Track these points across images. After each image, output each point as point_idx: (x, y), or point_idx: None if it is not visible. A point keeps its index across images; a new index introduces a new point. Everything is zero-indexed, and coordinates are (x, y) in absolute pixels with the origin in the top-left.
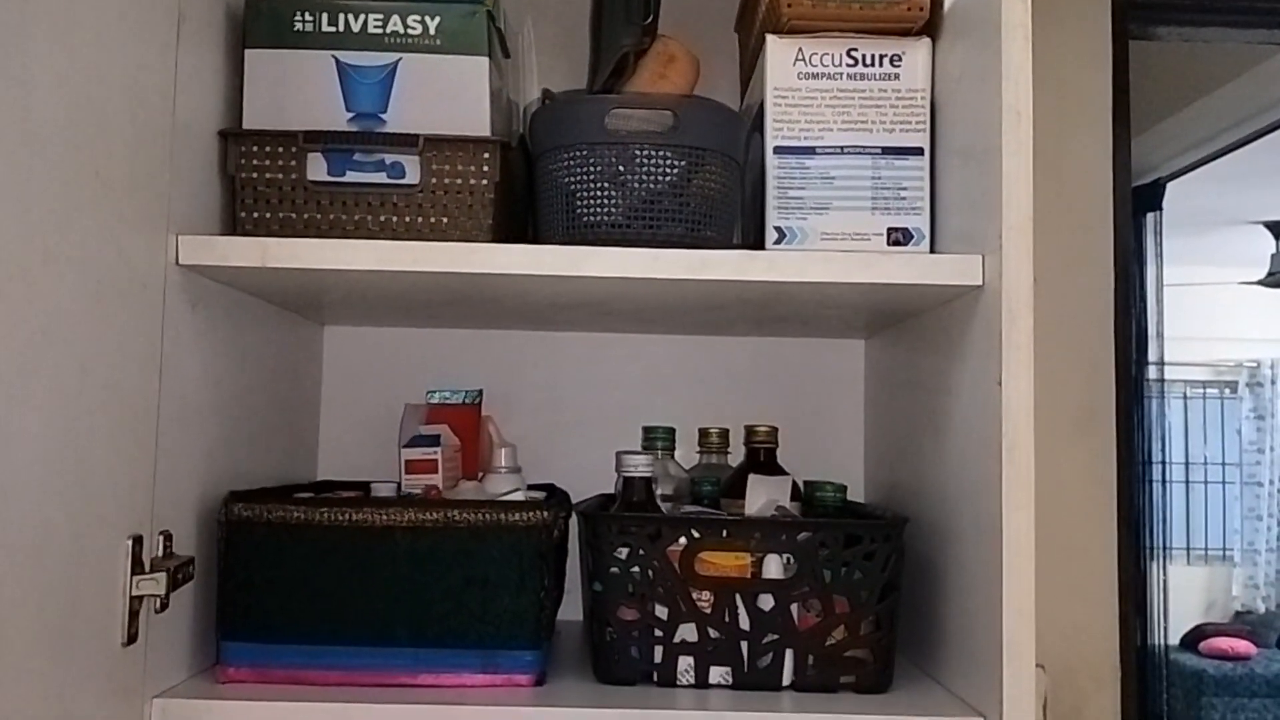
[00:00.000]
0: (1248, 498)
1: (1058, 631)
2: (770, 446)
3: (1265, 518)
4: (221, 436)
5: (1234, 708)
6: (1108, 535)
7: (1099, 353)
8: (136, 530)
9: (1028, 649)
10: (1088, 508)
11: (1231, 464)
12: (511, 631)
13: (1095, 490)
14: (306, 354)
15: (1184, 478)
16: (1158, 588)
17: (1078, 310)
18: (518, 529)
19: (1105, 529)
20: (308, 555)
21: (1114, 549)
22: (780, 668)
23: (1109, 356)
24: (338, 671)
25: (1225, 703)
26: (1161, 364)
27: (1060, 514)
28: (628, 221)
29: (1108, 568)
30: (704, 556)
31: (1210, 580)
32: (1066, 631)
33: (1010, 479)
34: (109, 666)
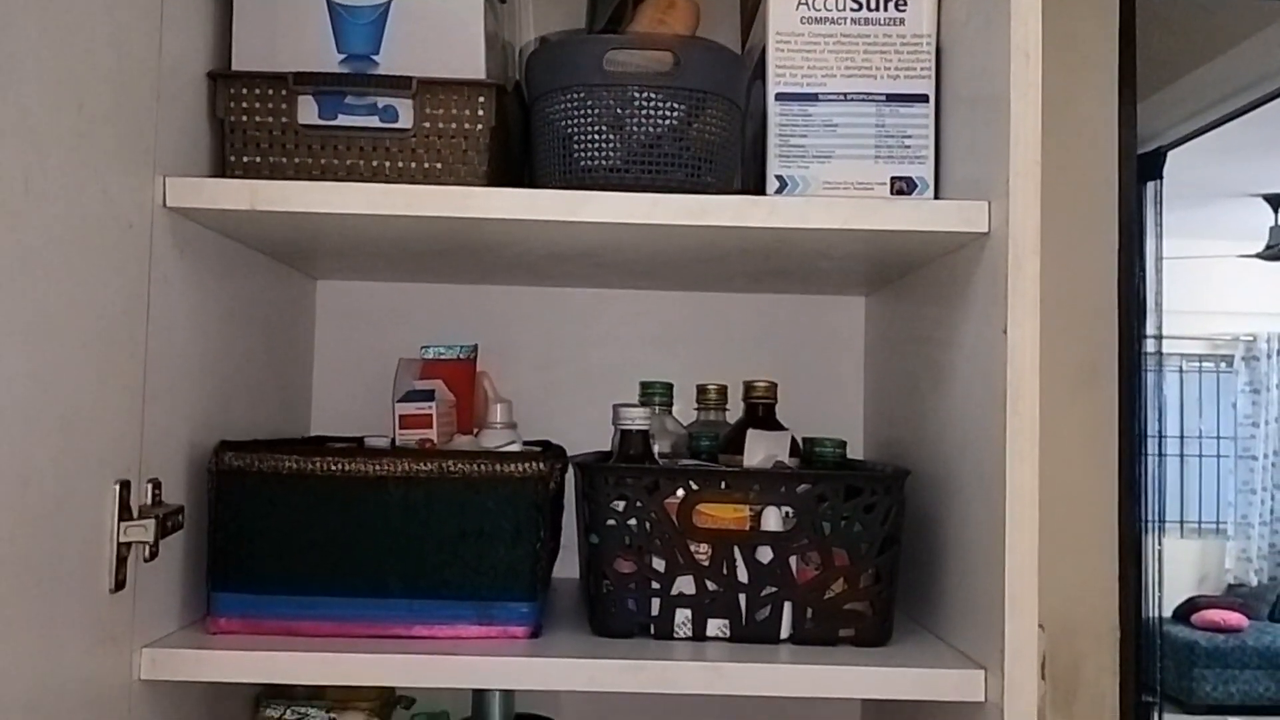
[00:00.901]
0: (1242, 471)
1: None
2: (769, 402)
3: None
4: (212, 387)
5: (1225, 679)
6: (1108, 495)
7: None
8: (124, 475)
9: (1030, 602)
10: (1087, 467)
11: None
12: (507, 583)
13: (1095, 449)
14: (299, 308)
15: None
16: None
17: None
18: (513, 480)
19: (1105, 489)
20: (300, 506)
21: (1114, 509)
22: (779, 621)
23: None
24: (330, 623)
25: (1217, 674)
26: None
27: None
28: (626, 166)
29: (1107, 528)
30: (702, 509)
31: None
32: (1065, 591)
33: (1014, 429)
34: (96, 613)
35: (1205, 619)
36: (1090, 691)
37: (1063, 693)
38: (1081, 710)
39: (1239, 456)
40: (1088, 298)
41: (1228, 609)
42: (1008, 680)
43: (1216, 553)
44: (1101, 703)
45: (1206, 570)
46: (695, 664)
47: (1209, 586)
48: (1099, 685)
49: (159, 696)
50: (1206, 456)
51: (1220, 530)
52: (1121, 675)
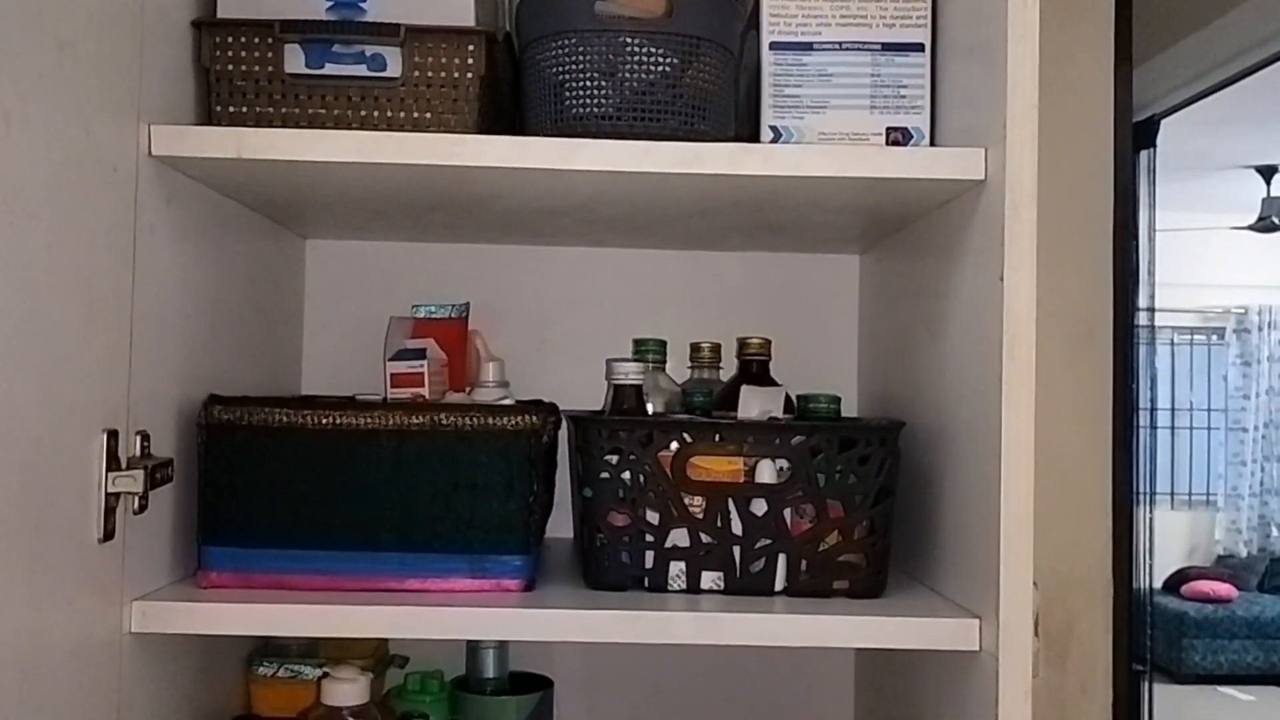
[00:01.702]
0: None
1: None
2: (763, 359)
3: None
4: (201, 343)
5: (1214, 649)
6: (1101, 456)
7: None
8: (111, 425)
9: (1025, 550)
10: (1082, 428)
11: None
12: (500, 537)
13: (1090, 411)
14: (288, 267)
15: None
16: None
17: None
18: (506, 433)
19: (1099, 450)
20: (290, 459)
21: (1107, 470)
22: (773, 573)
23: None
24: (322, 576)
25: (1205, 644)
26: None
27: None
28: (618, 114)
29: (1101, 488)
30: (696, 461)
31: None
32: (1059, 550)
33: (1010, 375)
34: (85, 563)
35: (1195, 590)
36: (1083, 648)
37: (1056, 649)
38: (1074, 667)
39: (1229, 429)
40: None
41: (1217, 580)
42: (1002, 629)
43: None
44: (1094, 660)
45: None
46: (690, 614)
47: (1199, 558)
48: (1092, 642)
49: (150, 651)
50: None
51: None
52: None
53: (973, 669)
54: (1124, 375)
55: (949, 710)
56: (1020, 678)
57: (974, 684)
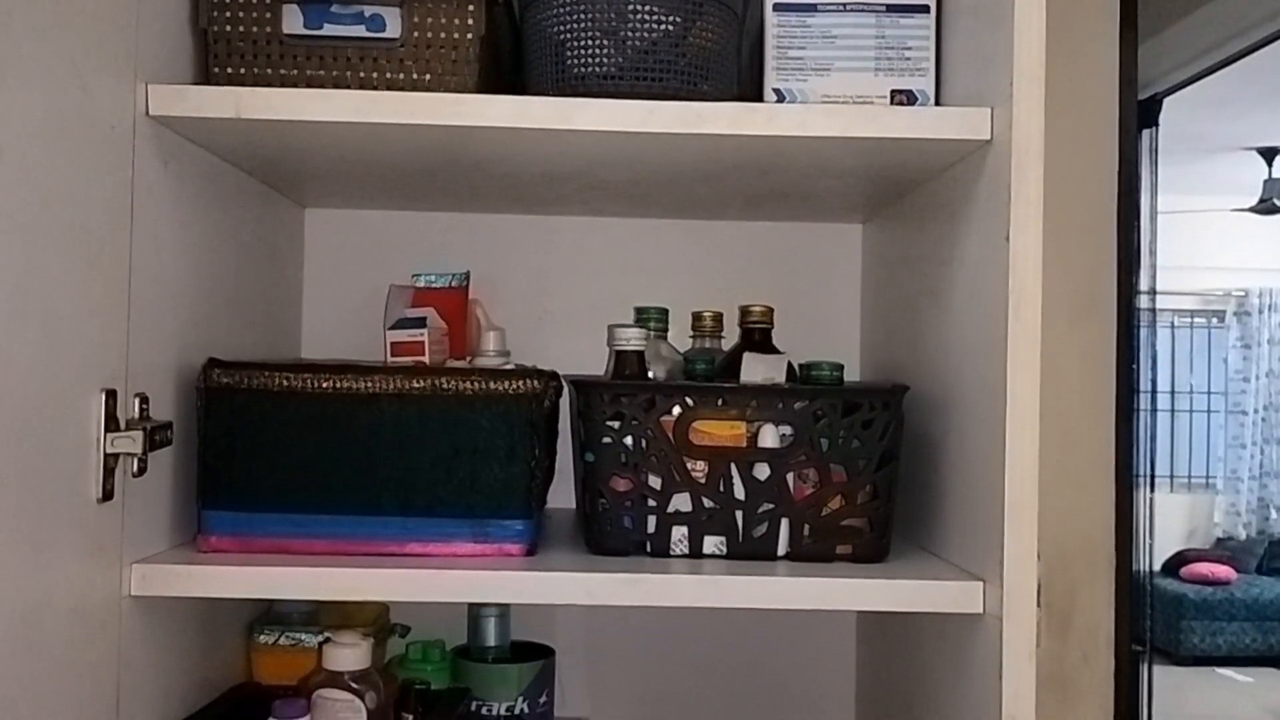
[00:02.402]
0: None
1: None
2: (765, 327)
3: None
4: (200, 309)
5: (1213, 630)
6: (1104, 425)
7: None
8: (109, 384)
9: (1029, 512)
10: (1085, 399)
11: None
12: (502, 501)
13: (1092, 382)
14: (287, 235)
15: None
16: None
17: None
18: (507, 397)
19: (1102, 421)
20: (290, 423)
21: (1111, 439)
22: (775, 537)
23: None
24: (323, 541)
25: (1204, 626)
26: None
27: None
28: (620, 74)
29: (1104, 457)
30: (698, 426)
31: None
32: (1062, 520)
33: (1016, 336)
34: (84, 522)
35: (1194, 572)
36: (1085, 619)
37: (1058, 620)
38: (1076, 637)
39: (1229, 411)
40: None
41: (1216, 562)
42: (1006, 592)
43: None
44: (1096, 630)
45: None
46: (693, 577)
47: (1198, 540)
48: (1094, 613)
49: (150, 614)
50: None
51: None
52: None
53: (976, 632)
54: (1127, 350)
55: (952, 675)
56: (1024, 641)
57: (978, 648)
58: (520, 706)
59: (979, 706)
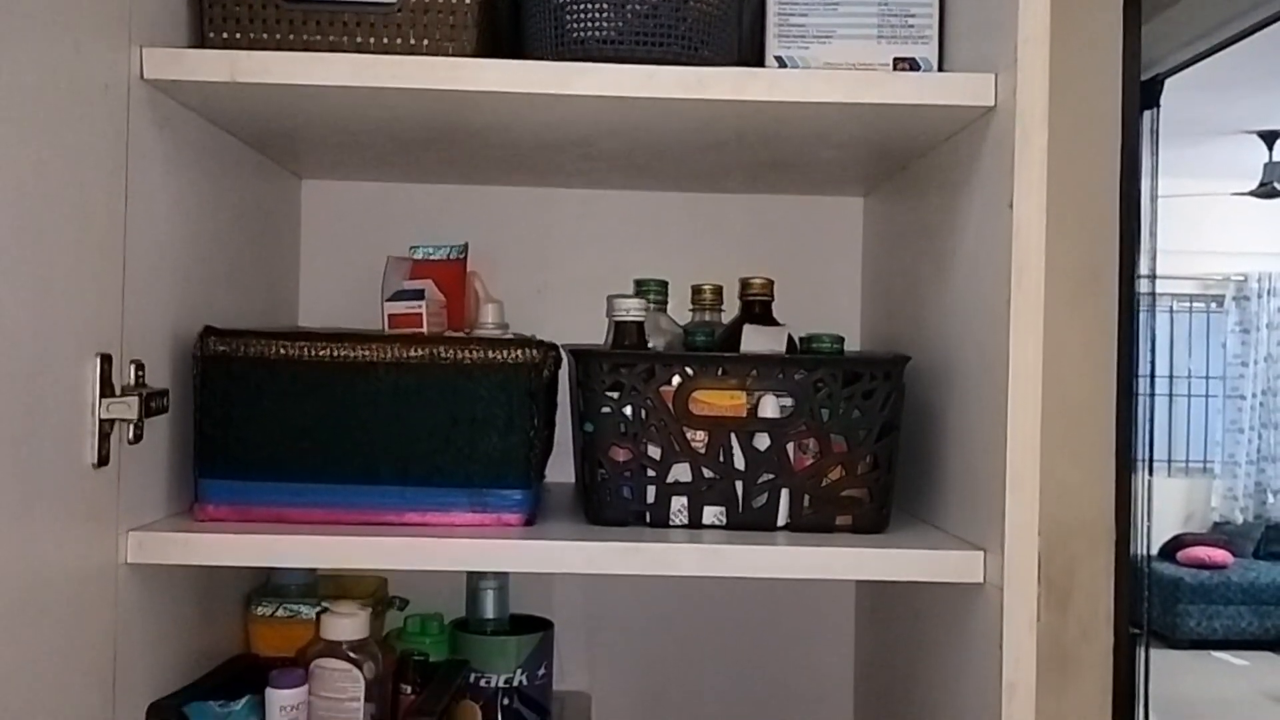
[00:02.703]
0: (1230, 411)
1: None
2: (766, 299)
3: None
4: (195, 278)
5: (1209, 614)
6: (1105, 400)
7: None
8: (104, 349)
9: (1031, 481)
10: (1085, 375)
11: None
12: (500, 471)
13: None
14: (284, 207)
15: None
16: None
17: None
18: (506, 367)
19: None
20: (287, 392)
21: (1112, 414)
22: (775, 508)
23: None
24: (321, 509)
25: (1201, 609)
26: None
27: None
28: (621, 38)
29: (1104, 432)
30: (698, 396)
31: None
32: (1063, 496)
33: (1019, 304)
34: (79, 487)
35: (1191, 556)
36: (1085, 594)
37: (1057, 595)
38: (1076, 612)
39: (1227, 396)
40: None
41: (1213, 546)
42: (1007, 561)
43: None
44: (1096, 605)
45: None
46: (692, 546)
47: (1195, 525)
48: (1094, 588)
49: (147, 583)
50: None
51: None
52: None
53: (977, 602)
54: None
55: (952, 645)
56: (1025, 610)
57: (978, 618)
58: (519, 678)
59: (979, 676)
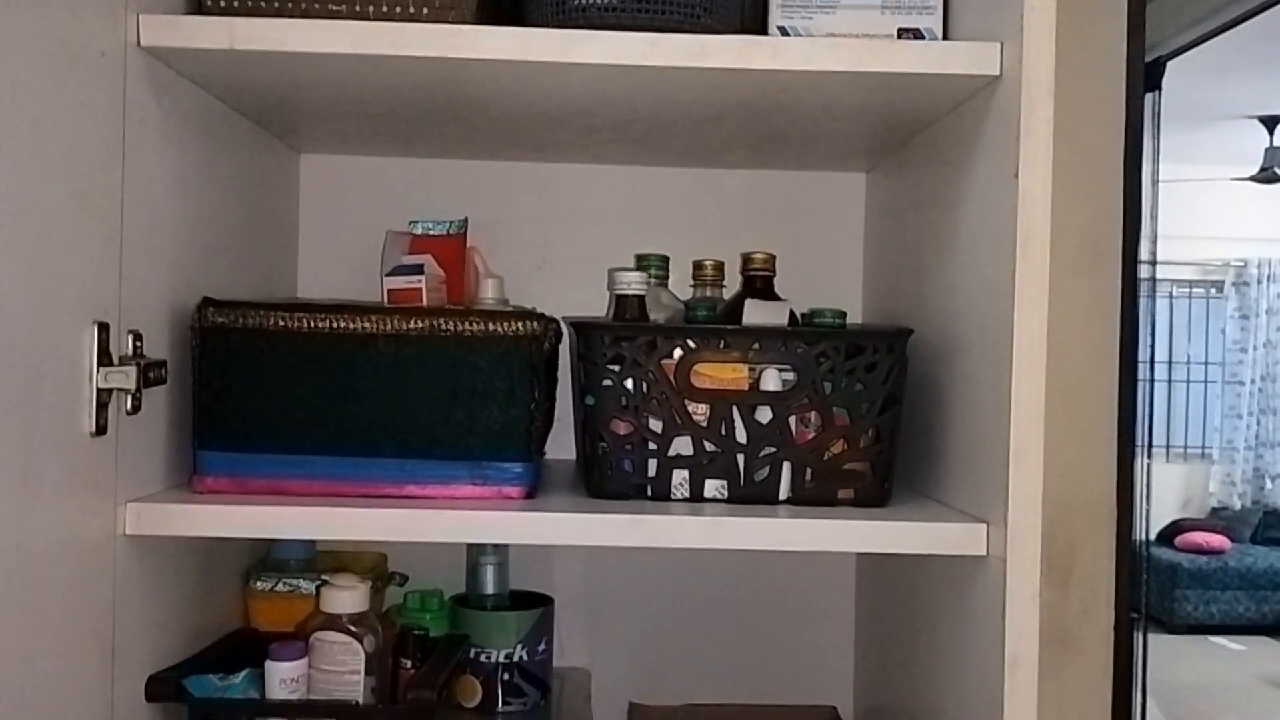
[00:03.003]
0: (1229, 396)
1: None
2: (767, 274)
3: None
4: (194, 251)
5: (1207, 599)
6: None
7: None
8: (102, 317)
9: (1035, 453)
10: (1088, 353)
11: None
12: (501, 444)
13: (1096, 333)
14: (283, 181)
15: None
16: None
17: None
18: (507, 339)
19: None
20: (286, 363)
21: (1114, 392)
22: (777, 481)
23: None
24: (320, 482)
25: (1198, 595)
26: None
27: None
28: (622, 6)
29: (1107, 411)
30: (700, 369)
31: (1188, 478)
32: (1064, 472)
33: (1024, 274)
34: (77, 456)
35: (1189, 541)
36: (1085, 572)
37: (1058, 573)
38: (1077, 590)
39: (1226, 381)
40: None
41: (1211, 531)
42: (1011, 532)
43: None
44: (1097, 585)
45: (1191, 494)
46: (694, 518)
47: (1193, 510)
48: (1094, 568)
49: (146, 555)
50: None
51: (1205, 455)
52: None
53: (979, 576)
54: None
55: (953, 620)
56: (1028, 583)
57: (980, 591)
58: (519, 653)
59: (981, 650)
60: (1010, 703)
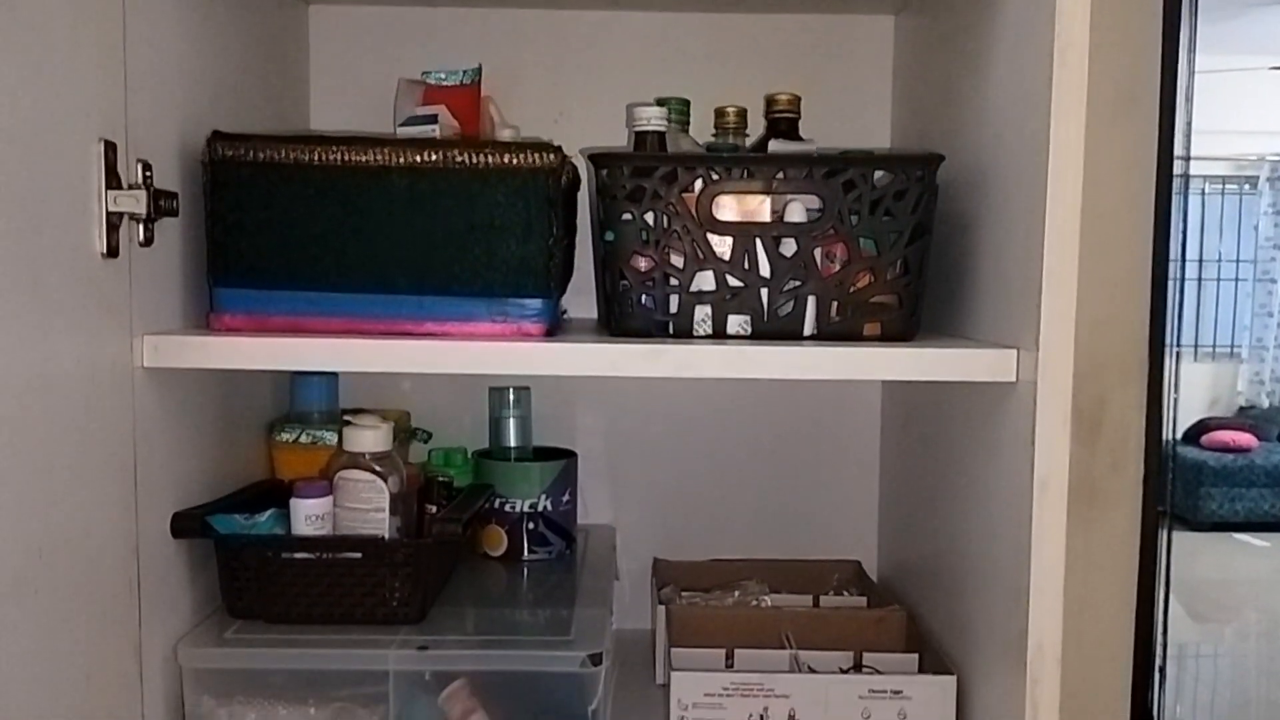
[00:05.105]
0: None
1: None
2: (792, 116)
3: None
4: (201, 93)
5: (1232, 497)
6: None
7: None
8: (108, 136)
9: (1069, 271)
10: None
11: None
12: (520, 279)
13: (1131, 176)
14: (292, 32)
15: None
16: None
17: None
18: (524, 171)
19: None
20: (299, 197)
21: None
22: (802, 316)
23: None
24: (339, 319)
25: (1224, 492)
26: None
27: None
28: None
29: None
30: (722, 200)
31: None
32: (1093, 324)
33: (1062, 82)
34: (89, 276)
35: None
36: (1115, 425)
37: (1087, 426)
38: (1106, 443)
39: (1258, 280)
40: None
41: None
42: (1042, 352)
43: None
44: (1126, 436)
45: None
46: (717, 347)
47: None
48: (1124, 420)
49: (166, 392)
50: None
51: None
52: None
53: (1008, 404)
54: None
55: (980, 452)
56: (1060, 405)
57: (1009, 420)
58: (543, 504)
59: (1009, 478)
60: (1039, 527)
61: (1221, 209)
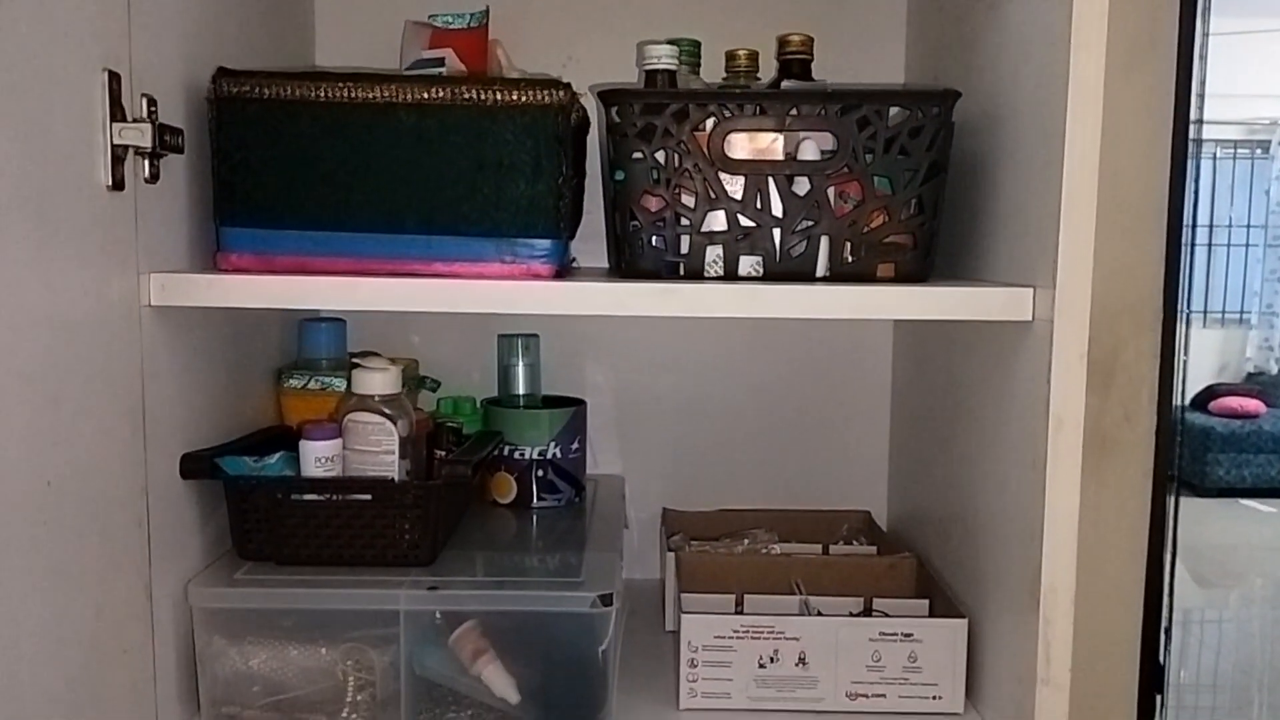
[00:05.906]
0: (1270, 260)
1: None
2: (805, 57)
3: None
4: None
5: (1239, 463)
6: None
7: None
8: (112, 66)
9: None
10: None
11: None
12: (529, 220)
13: (1147, 122)
14: None
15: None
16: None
17: None
18: (533, 108)
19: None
20: (305, 134)
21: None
22: (815, 257)
23: None
24: (346, 259)
25: (1231, 458)
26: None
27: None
28: None
29: (1155, 207)
30: (734, 139)
31: (1224, 343)
32: (1108, 275)
33: (1082, 17)
34: (95, 209)
35: (1223, 405)
36: (1128, 375)
37: (1100, 377)
38: (1118, 394)
39: (1268, 245)
40: None
41: (1246, 396)
42: (1059, 289)
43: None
44: (1140, 387)
45: (1227, 360)
46: (728, 286)
47: (1228, 375)
48: (1138, 369)
49: (174, 333)
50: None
51: (1244, 320)
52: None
53: (1024, 344)
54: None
55: (995, 392)
56: (1076, 343)
57: (1024, 359)
58: (552, 451)
59: (1024, 418)
60: (1053, 466)
61: (1233, 173)
